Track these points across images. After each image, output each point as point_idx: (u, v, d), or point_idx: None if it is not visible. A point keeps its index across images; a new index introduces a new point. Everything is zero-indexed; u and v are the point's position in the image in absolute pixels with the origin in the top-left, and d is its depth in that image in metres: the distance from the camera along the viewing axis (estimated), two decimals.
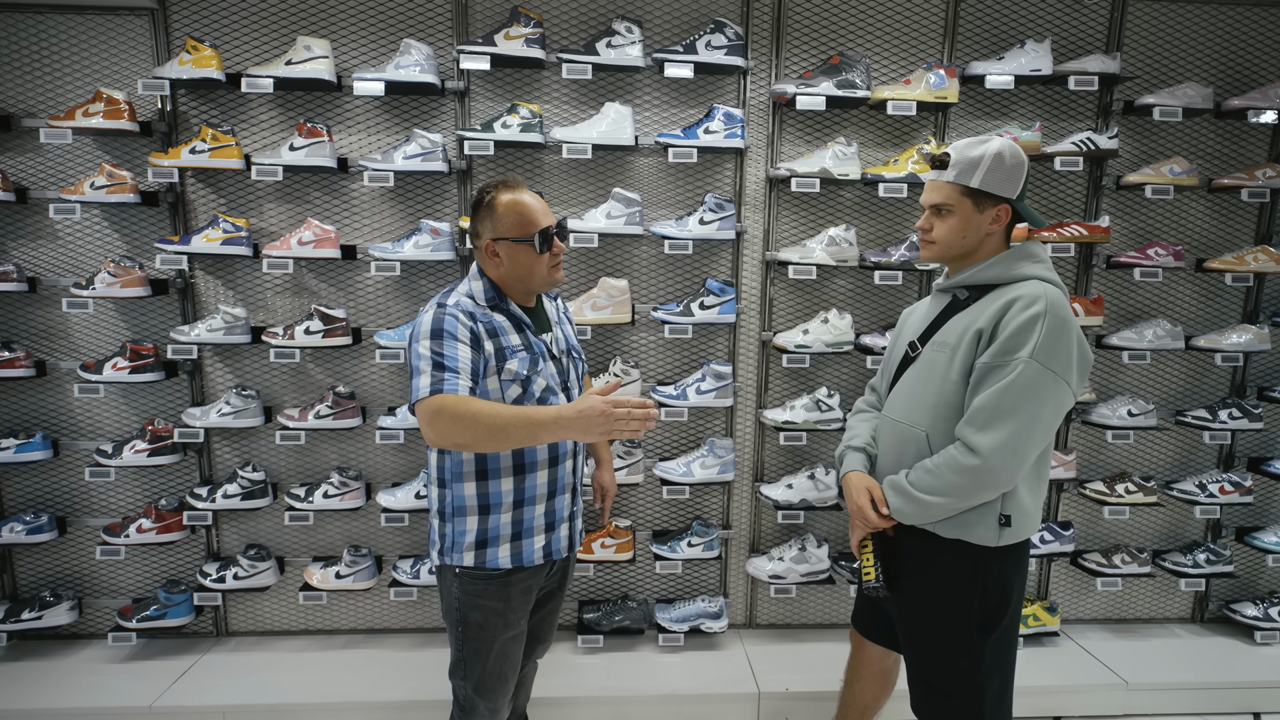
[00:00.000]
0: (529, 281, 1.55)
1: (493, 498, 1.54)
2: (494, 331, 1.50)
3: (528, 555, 1.58)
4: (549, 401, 1.56)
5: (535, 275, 1.54)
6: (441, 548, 1.58)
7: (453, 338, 1.44)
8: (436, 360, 1.41)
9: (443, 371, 1.40)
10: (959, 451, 1.45)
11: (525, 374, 1.51)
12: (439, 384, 1.39)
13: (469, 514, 1.55)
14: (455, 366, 1.41)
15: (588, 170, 2.53)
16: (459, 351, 1.43)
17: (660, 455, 2.70)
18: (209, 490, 2.51)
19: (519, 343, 1.53)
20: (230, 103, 2.42)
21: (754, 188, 2.56)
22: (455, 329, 1.45)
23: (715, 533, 2.64)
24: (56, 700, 2.30)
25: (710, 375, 2.52)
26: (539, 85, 2.49)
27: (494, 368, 1.49)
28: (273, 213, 2.50)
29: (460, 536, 1.55)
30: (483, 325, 1.49)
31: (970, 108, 2.57)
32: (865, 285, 2.66)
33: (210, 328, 2.39)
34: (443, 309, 1.47)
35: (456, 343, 1.44)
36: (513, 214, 1.50)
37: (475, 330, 1.47)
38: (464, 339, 1.45)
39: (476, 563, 1.55)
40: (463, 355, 1.43)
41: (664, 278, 2.61)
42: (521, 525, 1.57)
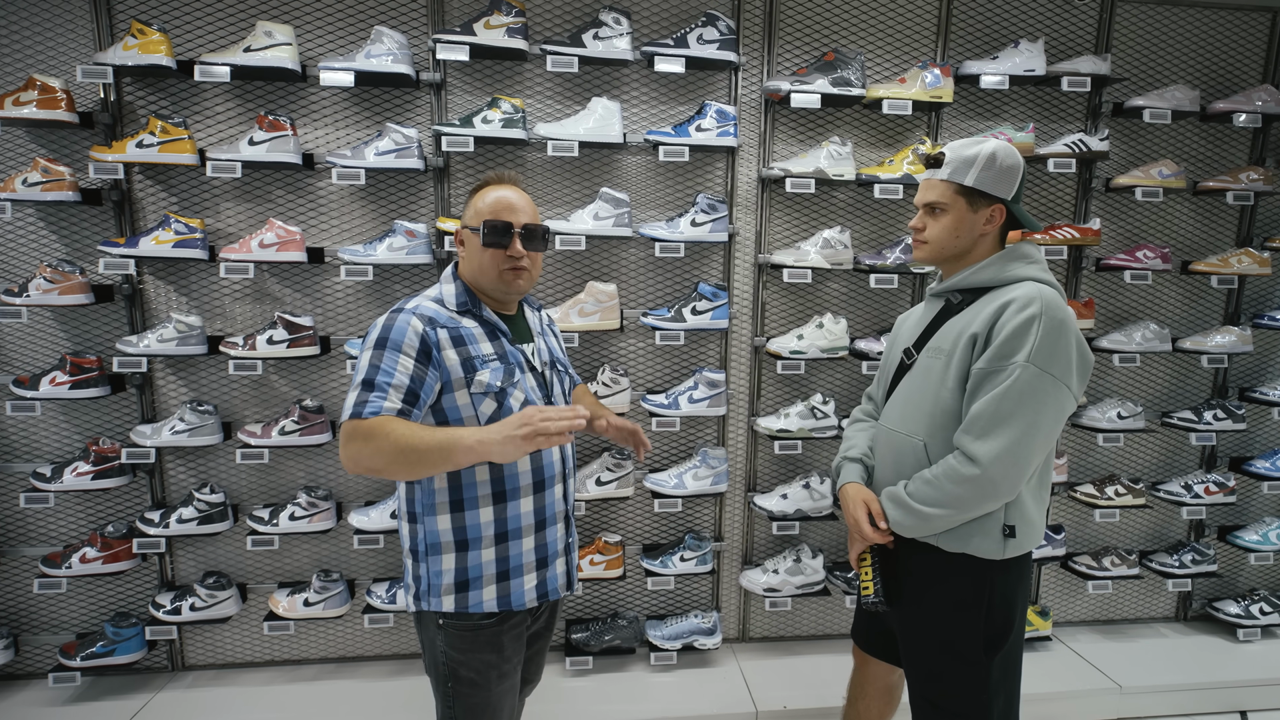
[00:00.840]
0: (483, 280, 1.39)
1: (470, 531, 1.36)
2: (460, 339, 1.33)
3: (517, 597, 1.41)
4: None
5: (485, 273, 1.38)
6: (417, 591, 1.40)
7: (395, 348, 1.28)
8: (369, 376, 1.26)
9: (370, 391, 1.25)
10: (958, 461, 1.39)
11: (499, 386, 1.34)
12: (360, 406, 1.24)
13: (444, 551, 1.37)
14: (386, 384, 1.25)
15: (574, 169, 2.40)
16: (398, 365, 1.27)
17: (651, 466, 2.58)
18: (162, 515, 2.30)
19: (491, 351, 1.36)
20: (182, 93, 2.22)
21: (746, 188, 2.47)
22: (402, 337, 1.29)
23: (708, 546, 2.54)
24: None
25: (703, 383, 2.42)
26: (521, 78, 2.34)
27: (461, 379, 1.32)
28: (231, 213, 2.30)
29: (436, 578, 1.37)
30: (445, 332, 1.32)
31: (963, 108, 2.52)
32: (860, 289, 2.59)
33: (161, 338, 2.18)
34: (396, 314, 1.32)
35: (399, 355, 1.27)
36: (479, 202, 1.40)
37: (431, 339, 1.30)
38: (410, 350, 1.28)
39: (458, 607, 1.37)
40: (401, 370, 1.26)
41: (654, 282, 2.50)
42: (508, 562, 1.39)
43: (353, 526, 2.31)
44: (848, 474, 1.63)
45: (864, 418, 1.76)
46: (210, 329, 2.33)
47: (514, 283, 1.38)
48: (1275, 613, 2.76)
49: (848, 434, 1.75)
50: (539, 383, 1.45)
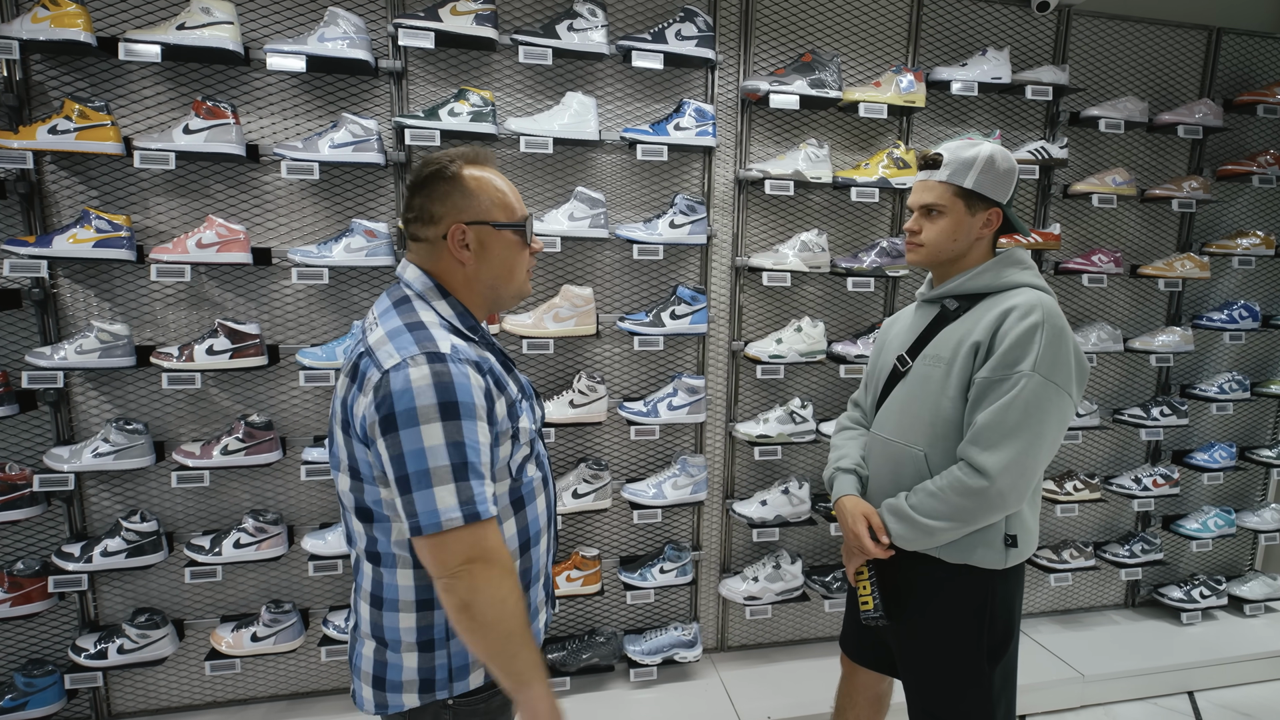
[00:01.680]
0: (504, 288, 1.11)
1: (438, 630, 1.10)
2: (500, 382, 1.05)
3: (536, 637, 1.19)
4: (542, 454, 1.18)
5: (515, 279, 1.12)
6: (428, 683, 1.09)
7: (470, 415, 0.97)
8: (459, 458, 0.95)
9: (468, 479, 0.96)
10: (965, 473, 1.36)
11: (535, 429, 1.13)
12: (470, 504, 0.95)
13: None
14: (480, 468, 0.98)
15: (547, 167, 2.28)
16: (480, 437, 0.98)
17: (628, 476, 2.49)
18: (83, 548, 2.03)
19: (517, 388, 1.11)
20: (105, 74, 1.97)
21: (723, 189, 2.41)
22: (472, 397, 0.98)
23: (687, 556, 2.46)
24: None
25: (682, 389, 2.34)
26: (490, 70, 2.20)
27: (509, 431, 1.05)
28: (163, 209, 2.06)
29: (462, 658, 1.10)
30: (490, 378, 1.03)
31: (933, 113, 2.54)
32: (837, 292, 2.57)
33: (81, 349, 1.93)
34: (443, 363, 0.97)
35: (476, 423, 0.98)
36: (492, 190, 1.07)
37: (489, 390, 1.02)
38: (483, 413, 0.99)
39: (488, 678, 1.12)
40: (484, 442, 0.99)
41: (631, 285, 2.40)
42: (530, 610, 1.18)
43: (307, 552, 2.11)
44: (843, 486, 1.58)
45: (852, 425, 1.72)
46: (140, 338, 2.08)
47: (528, 286, 1.16)
48: (1214, 596, 2.92)
49: (837, 443, 1.70)
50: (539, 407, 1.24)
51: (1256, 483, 3.09)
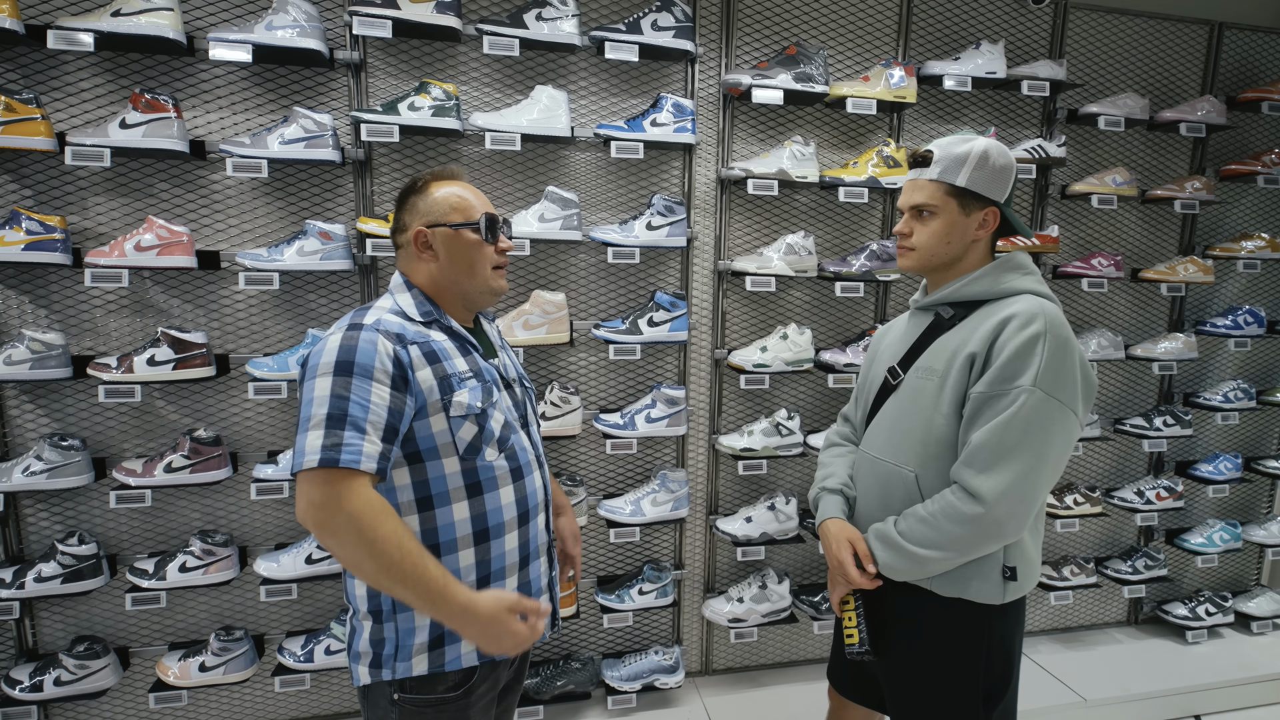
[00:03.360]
0: (469, 283, 1.21)
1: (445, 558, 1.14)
2: (434, 355, 1.13)
3: None
4: (509, 441, 1.20)
5: (478, 274, 1.20)
6: (377, 657, 1.14)
7: (365, 374, 1.04)
8: (337, 408, 1.02)
9: (340, 428, 1.01)
10: (958, 498, 1.23)
11: (480, 407, 1.15)
12: (333, 449, 1.00)
13: None
14: (361, 420, 1.02)
15: (516, 165, 2.14)
16: (373, 396, 1.04)
17: (605, 492, 2.34)
18: (15, 572, 1.88)
19: (466, 369, 1.16)
20: (35, 64, 1.83)
21: (704, 189, 2.27)
22: (373, 359, 1.05)
23: (668, 576, 2.31)
24: None
25: (661, 400, 2.20)
26: (455, 62, 2.06)
27: (438, 402, 1.11)
28: (102, 209, 1.91)
29: (408, 637, 1.13)
30: (418, 349, 1.11)
31: (925, 109, 2.41)
32: (824, 297, 2.43)
33: (10, 359, 1.78)
34: (357, 330, 1.07)
35: (371, 383, 1.04)
36: (454, 197, 1.20)
37: (404, 359, 1.09)
38: (383, 376, 1.06)
39: (432, 667, 1.13)
40: (377, 402, 1.04)
41: (607, 290, 2.26)
42: None
43: (260, 575, 1.96)
44: (828, 508, 1.44)
45: (841, 441, 1.58)
46: (77, 347, 1.94)
47: (499, 281, 1.24)
48: (1220, 613, 2.78)
49: (824, 460, 1.56)
50: (514, 401, 1.27)
51: (1263, 495, 2.95)
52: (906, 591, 1.33)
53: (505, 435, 1.19)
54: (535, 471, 1.25)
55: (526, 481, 1.22)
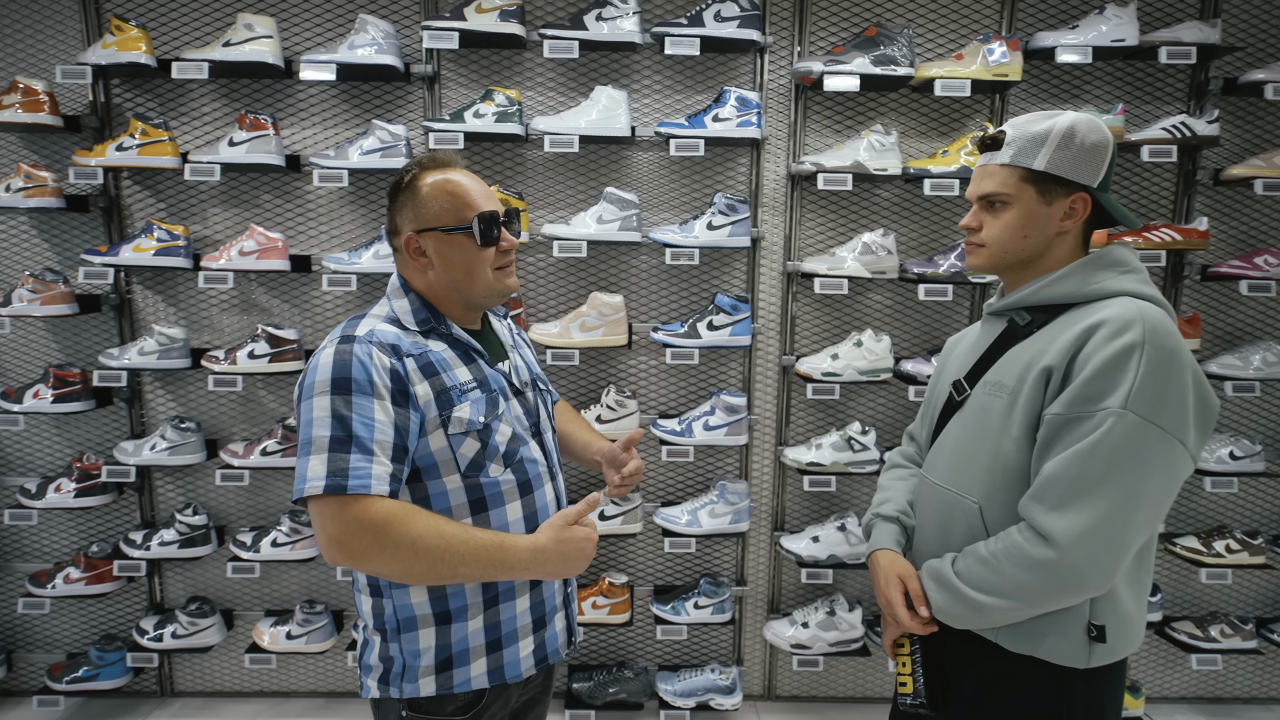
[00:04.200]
0: (469, 289, 1.10)
1: (454, 600, 1.07)
2: (431, 367, 1.05)
3: (512, 668, 1.13)
4: (517, 455, 1.12)
5: (477, 280, 1.10)
6: (385, 674, 1.09)
7: (365, 391, 0.97)
8: (340, 429, 0.95)
9: (347, 451, 0.94)
10: (1026, 538, 1.02)
11: (482, 422, 1.07)
12: (340, 475, 0.93)
13: (421, 626, 1.08)
14: (368, 441, 0.96)
15: (575, 167, 2.13)
16: (376, 414, 0.97)
17: (662, 499, 2.27)
18: (145, 536, 2.15)
19: (468, 379, 1.09)
20: (167, 93, 2.09)
21: (773, 186, 2.14)
22: (369, 375, 0.98)
23: (726, 592, 2.20)
24: None
25: (721, 408, 2.10)
26: (519, 68, 2.10)
27: (436, 419, 1.04)
28: (218, 218, 2.15)
29: (414, 659, 1.08)
30: (413, 362, 1.04)
31: (1035, 88, 2.11)
32: (907, 301, 2.21)
33: (143, 350, 2.04)
34: (349, 343, 1.00)
35: (372, 400, 0.97)
36: (442, 195, 1.08)
37: (401, 372, 1.01)
38: (383, 391, 0.99)
39: (440, 689, 1.08)
40: (382, 419, 0.97)
41: (666, 293, 2.19)
42: (500, 629, 1.12)
43: None
44: (880, 537, 1.28)
45: (904, 463, 1.40)
46: (197, 341, 2.18)
47: (507, 281, 1.13)
48: None
49: (883, 483, 1.39)
50: (525, 409, 1.18)
51: None
52: (970, 641, 1.14)
53: (512, 449, 1.11)
54: (547, 484, 1.17)
55: (536, 496, 1.14)
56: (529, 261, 2.15)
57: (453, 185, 1.08)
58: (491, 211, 1.08)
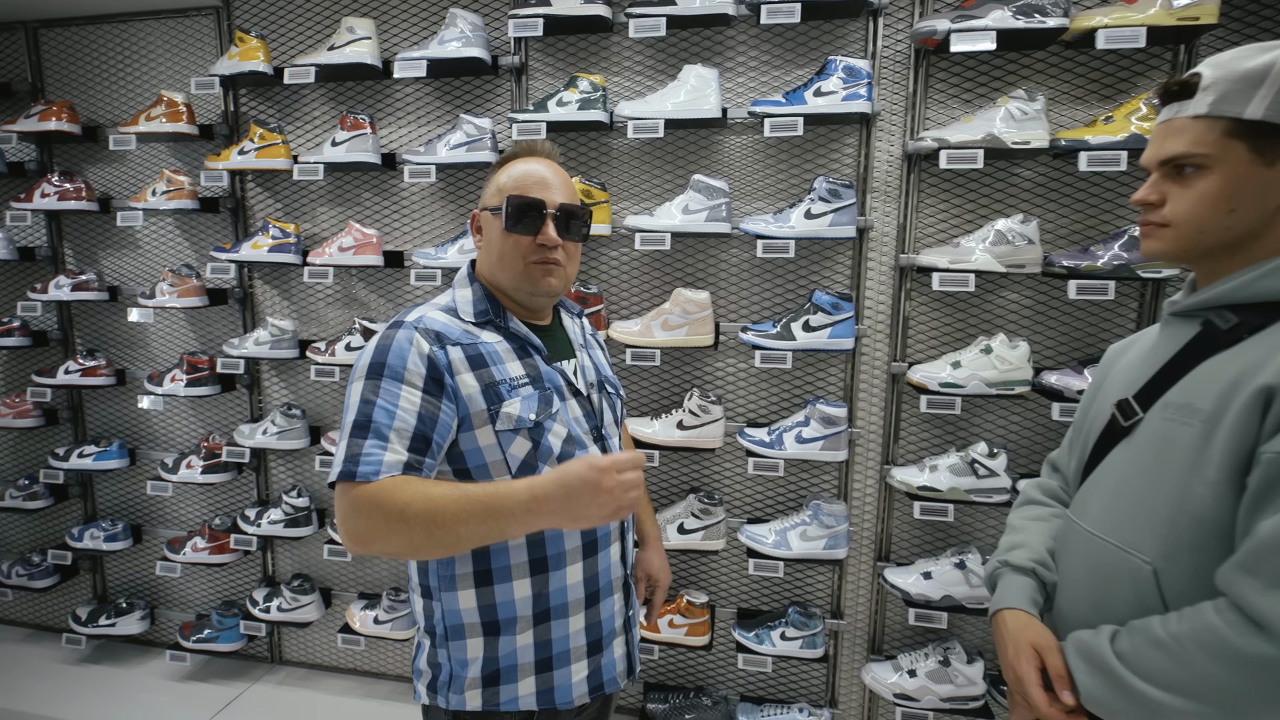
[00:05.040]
0: (501, 277, 1.08)
1: (502, 610, 1.03)
2: (480, 359, 1.01)
3: (563, 693, 1.06)
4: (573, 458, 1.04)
5: (506, 267, 1.06)
6: (433, 680, 1.07)
7: (395, 376, 0.96)
8: (364, 414, 0.94)
9: (364, 438, 0.93)
10: (1229, 622, 0.75)
11: (533, 419, 1.01)
12: (353, 462, 0.92)
13: (469, 635, 1.04)
14: (385, 427, 0.93)
15: (661, 154, 1.99)
16: (401, 400, 0.95)
17: (748, 515, 2.07)
18: (258, 513, 2.30)
19: (520, 374, 1.04)
20: (284, 99, 2.21)
21: (885, 168, 1.86)
22: (403, 360, 0.96)
23: (819, 625, 1.95)
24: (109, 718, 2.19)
25: (817, 418, 1.86)
26: (605, 52, 1.99)
27: (483, 412, 0.99)
28: (325, 216, 2.24)
29: (461, 669, 1.04)
30: (459, 351, 1.00)
31: (1233, 34, 1.67)
32: (1052, 301, 1.84)
33: (258, 340, 2.18)
34: (395, 329, 1.00)
35: (400, 385, 0.95)
36: (503, 177, 1.08)
37: (440, 360, 0.98)
38: (414, 377, 0.96)
39: (486, 705, 1.04)
40: (405, 406, 0.95)
41: (757, 289, 1.99)
42: (551, 648, 1.06)
43: None
44: (1009, 592, 1.01)
45: (1042, 499, 1.12)
46: (305, 333, 2.30)
47: (542, 280, 1.06)
48: None
49: (1014, 522, 1.12)
50: (585, 410, 1.11)
51: None
52: None
53: (567, 452, 1.04)
54: None
55: None
56: (610, 256, 2.04)
57: (518, 169, 1.07)
58: (531, 199, 1.04)
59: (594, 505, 0.87)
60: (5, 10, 2.24)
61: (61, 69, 2.33)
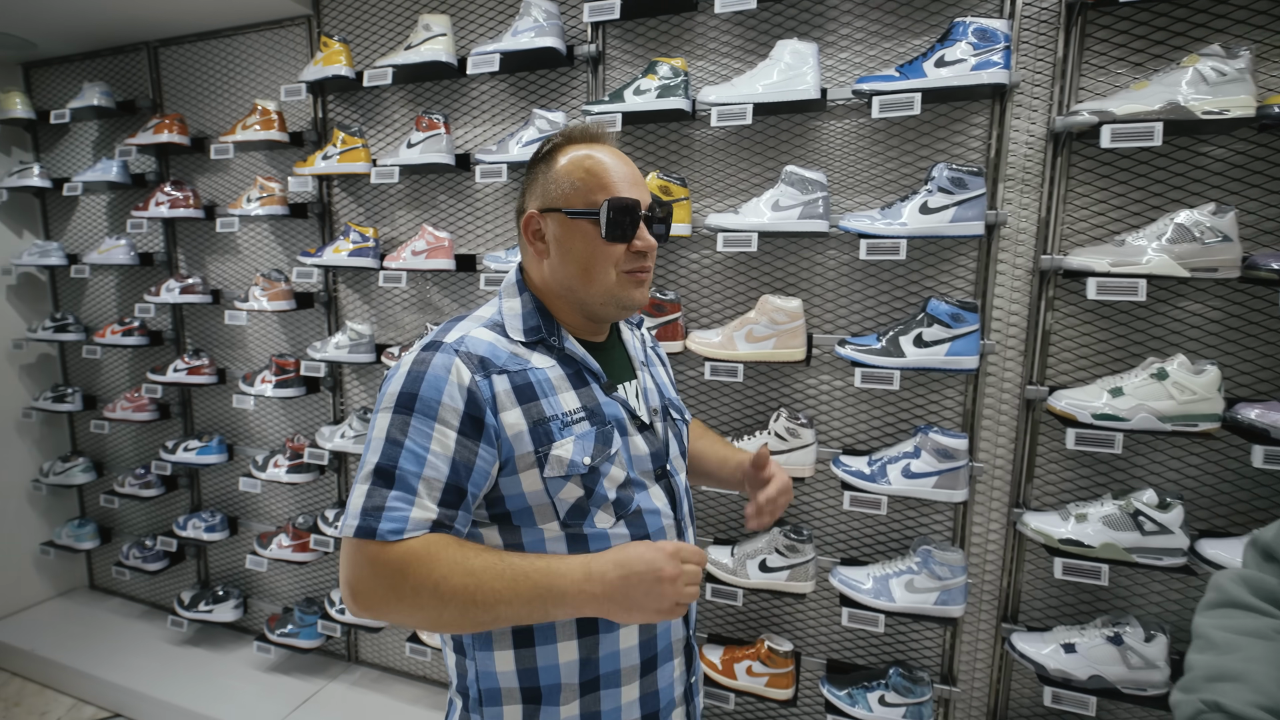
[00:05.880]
0: (585, 292, 0.90)
1: (545, 675, 0.88)
2: (529, 389, 0.86)
3: None
4: (632, 504, 0.90)
5: (595, 281, 0.89)
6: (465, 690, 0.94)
7: (429, 413, 0.80)
8: (388, 458, 0.79)
9: (388, 486, 0.78)
10: None
11: (588, 464, 0.86)
12: (371, 517, 0.77)
13: (506, 702, 0.89)
14: (412, 477, 0.79)
15: (749, 144, 1.76)
16: (432, 443, 0.80)
17: (841, 555, 1.79)
18: (336, 514, 2.30)
19: (576, 407, 0.88)
20: (367, 102, 2.19)
21: (1023, 150, 1.53)
22: (439, 394, 0.81)
23: (927, 692, 1.64)
24: (199, 704, 2.26)
25: (929, 449, 1.56)
26: (688, 34, 1.80)
27: (530, 455, 0.84)
28: (403, 219, 2.20)
29: (490, 680, 0.91)
30: (505, 381, 0.84)
31: None
32: (1252, 315, 1.43)
33: (338, 345, 2.17)
34: (431, 351, 0.84)
35: (434, 425, 0.80)
36: (578, 172, 0.89)
37: (484, 394, 0.82)
38: (450, 416, 0.81)
39: None
40: (437, 451, 0.80)
41: (858, 296, 1.71)
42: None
43: None
44: None
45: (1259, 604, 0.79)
46: (383, 337, 2.27)
47: (635, 294, 0.92)
48: None
49: (1215, 635, 0.78)
50: (649, 445, 0.95)
51: None
52: None
53: (625, 497, 0.89)
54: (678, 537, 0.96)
55: None
56: (690, 259, 1.84)
57: (593, 162, 0.89)
58: (631, 200, 0.88)
59: (651, 595, 0.77)
60: (131, 33, 2.38)
61: (176, 84, 2.46)
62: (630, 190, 0.89)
